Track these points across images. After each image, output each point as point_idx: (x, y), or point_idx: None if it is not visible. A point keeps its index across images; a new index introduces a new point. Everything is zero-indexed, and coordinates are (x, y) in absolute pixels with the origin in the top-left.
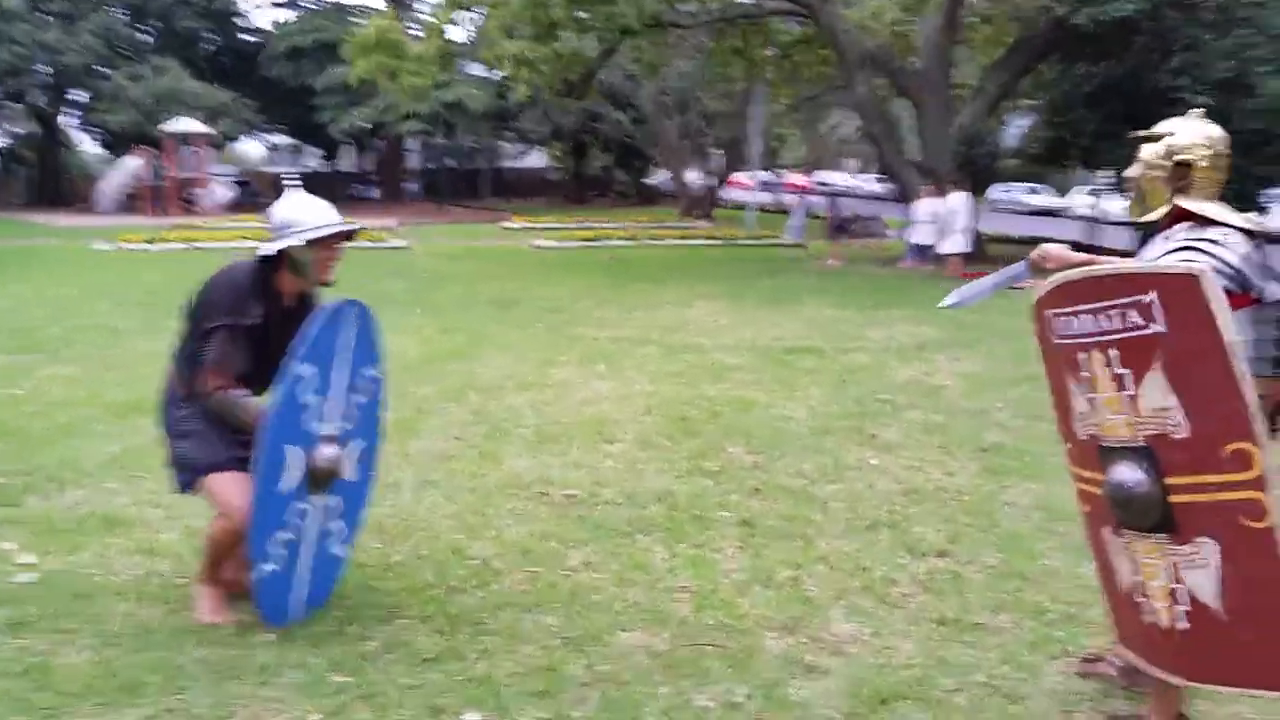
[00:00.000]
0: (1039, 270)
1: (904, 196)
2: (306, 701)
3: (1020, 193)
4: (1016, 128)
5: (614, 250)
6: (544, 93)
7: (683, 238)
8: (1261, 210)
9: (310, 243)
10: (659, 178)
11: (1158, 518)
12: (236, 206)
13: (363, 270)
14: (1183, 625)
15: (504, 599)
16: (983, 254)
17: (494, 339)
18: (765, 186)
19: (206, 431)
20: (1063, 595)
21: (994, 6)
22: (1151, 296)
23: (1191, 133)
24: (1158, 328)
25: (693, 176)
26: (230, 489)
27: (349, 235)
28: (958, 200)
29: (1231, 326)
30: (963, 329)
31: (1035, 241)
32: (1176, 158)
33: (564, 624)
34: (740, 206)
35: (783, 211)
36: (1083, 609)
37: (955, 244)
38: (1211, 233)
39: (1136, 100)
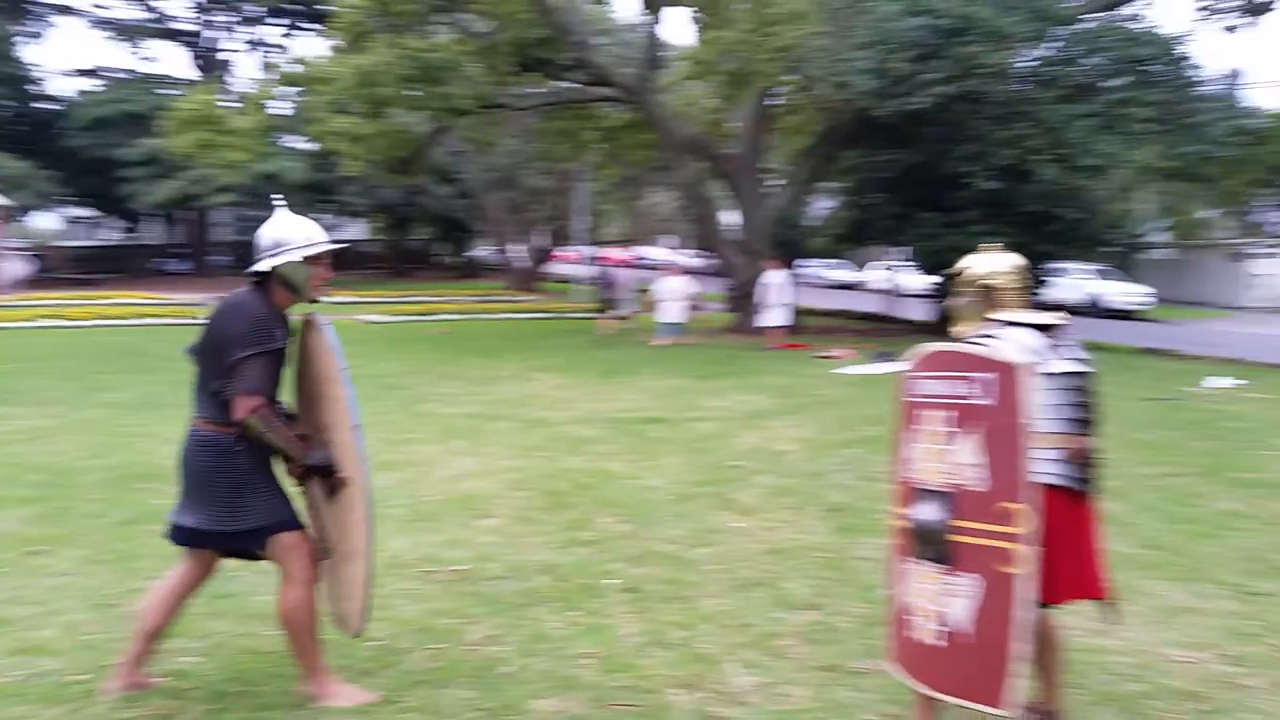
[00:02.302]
0: None
1: (725, 272)
2: None
3: (819, 268)
4: (821, 208)
5: (446, 324)
6: (374, 169)
7: (513, 311)
8: (1042, 284)
9: (307, 259)
10: (481, 251)
11: (941, 551)
12: (33, 283)
13: (174, 346)
14: (939, 643)
15: (415, 677)
16: (798, 326)
17: None
18: (591, 261)
19: (270, 484)
20: None
21: (802, 98)
22: (993, 375)
23: (988, 262)
24: (989, 401)
25: (519, 251)
26: (304, 551)
27: (341, 253)
28: (776, 276)
29: (1034, 412)
30: (789, 397)
31: (841, 314)
32: (980, 283)
33: (481, 696)
34: (565, 281)
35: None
36: None
37: (775, 317)
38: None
39: (931, 184)
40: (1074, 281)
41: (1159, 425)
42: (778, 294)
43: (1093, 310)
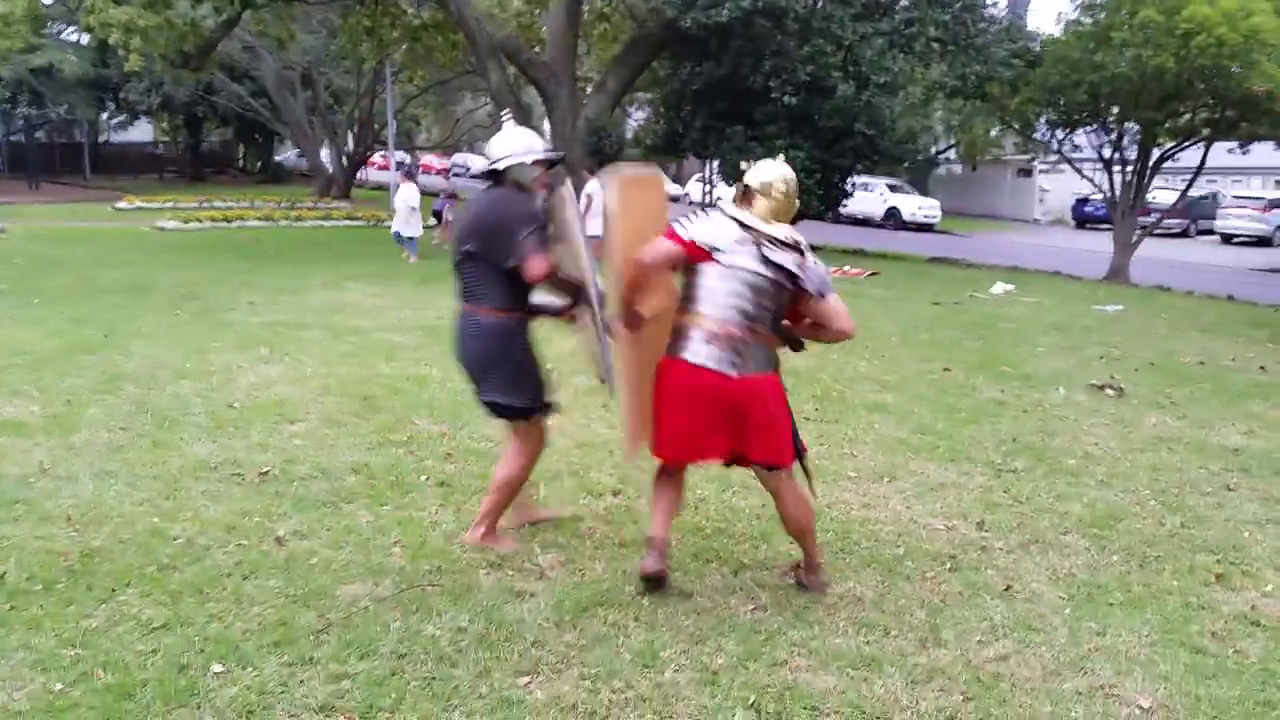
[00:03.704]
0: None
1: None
2: (42, 676)
3: None
4: (635, 120)
5: (253, 231)
6: (157, 64)
7: (324, 218)
8: (846, 195)
9: (536, 162)
10: (288, 155)
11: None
12: None
13: None
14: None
15: (220, 571)
16: None
17: (135, 328)
18: (400, 167)
19: (541, 373)
20: (713, 516)
21: (611, 5)
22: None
23: (757, 169)
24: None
25: (326, 155)
26: (543, 433)
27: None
28: (593, 186)
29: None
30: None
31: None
32: (743, 184)
33: (286, 585)
34: (380, 187)
35: (428, 194)
36: (730, 525)
37: (597, 227)
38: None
39: (736, 97)
40: (876, 196)
41: (941, 326)
42: (599, 202)
43: (893, 222)
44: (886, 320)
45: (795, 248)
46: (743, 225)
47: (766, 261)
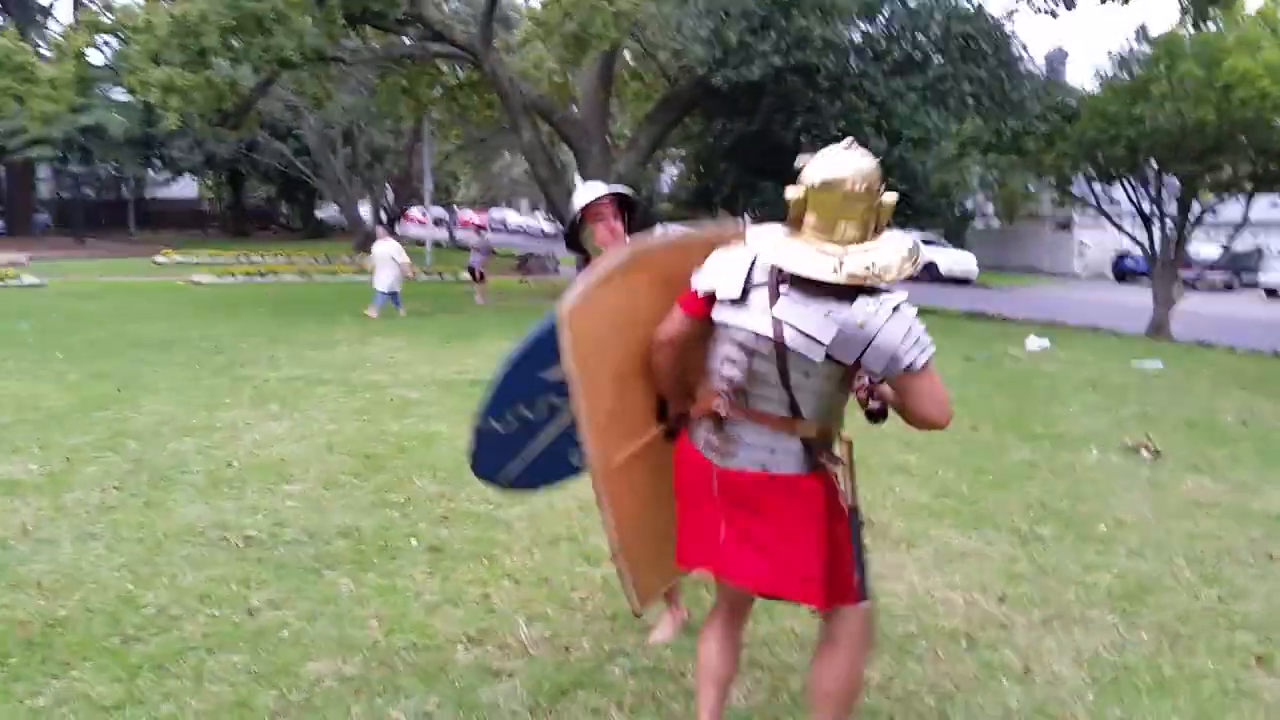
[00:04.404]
0: None
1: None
2: None
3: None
4: (668, 176)
5: (288, 285)
6: (196, 122)
7: (358, 273)
8: None
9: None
10: (329, 211)
11: None
12: None
13: None
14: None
15: (185, 644)
16: None
17: (150, 383)
18: (439, 223)
19: None
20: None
21: (643, 65)
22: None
23: (821, 165)
24: None
25: (364, 210)
26: None
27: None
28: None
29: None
30: None
31: None
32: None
33: (251, 661)
34: (419, 243)
35: (460, 248)
36: None
37: None
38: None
39: (768, 153)
40: None
41: (972, 381)
42: None
43: (929, 277)
44: None
45: (846, 294)
46: (755, 261)
47: (778, 324)
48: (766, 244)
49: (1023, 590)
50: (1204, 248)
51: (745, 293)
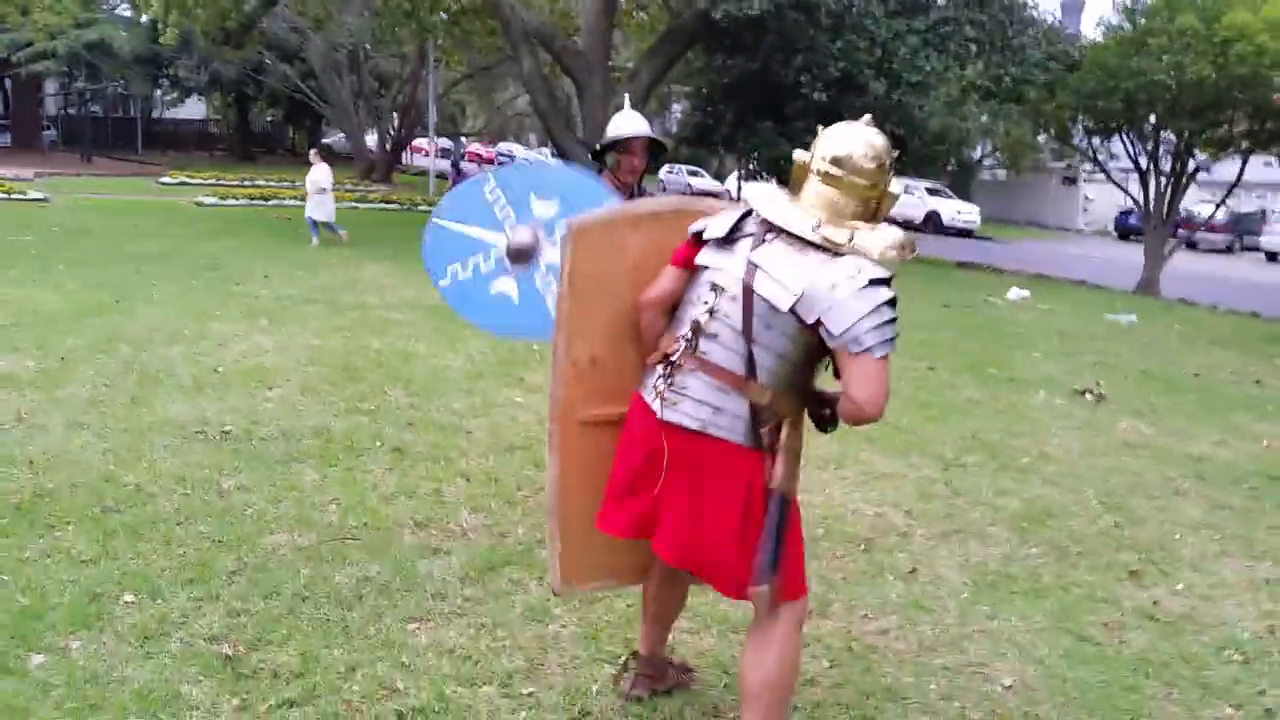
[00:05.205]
0: None
1: None
2: None
3: (686, 175)
4: (675, 112)
5: (286, 210)
6: (198, 39)
7: (359, 200)
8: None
9: (615, 149)
10: (336, 137)
11: None
12: None
13: None
14: None
15: (158, 516)
16: None
17: (146, 295)
18: (445, 154)
19: None
20: None
21: None
22: None
23: (830, 140)
24: None
25: (370, 139)
26: None
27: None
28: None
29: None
30: None
31: None
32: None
33: (216, 531)
34: (422, 172)
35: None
36: None
37: None
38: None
39: (768, 92)
40: (916, 199)
41: (945, 327)
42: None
43: (932, 226)
44: None
45: (831, 250)
46: (747, 213)
47: (753, 267)
48: (759, 195)
49: (931, 507)
50: (1207, 208)
51: (732, 238)
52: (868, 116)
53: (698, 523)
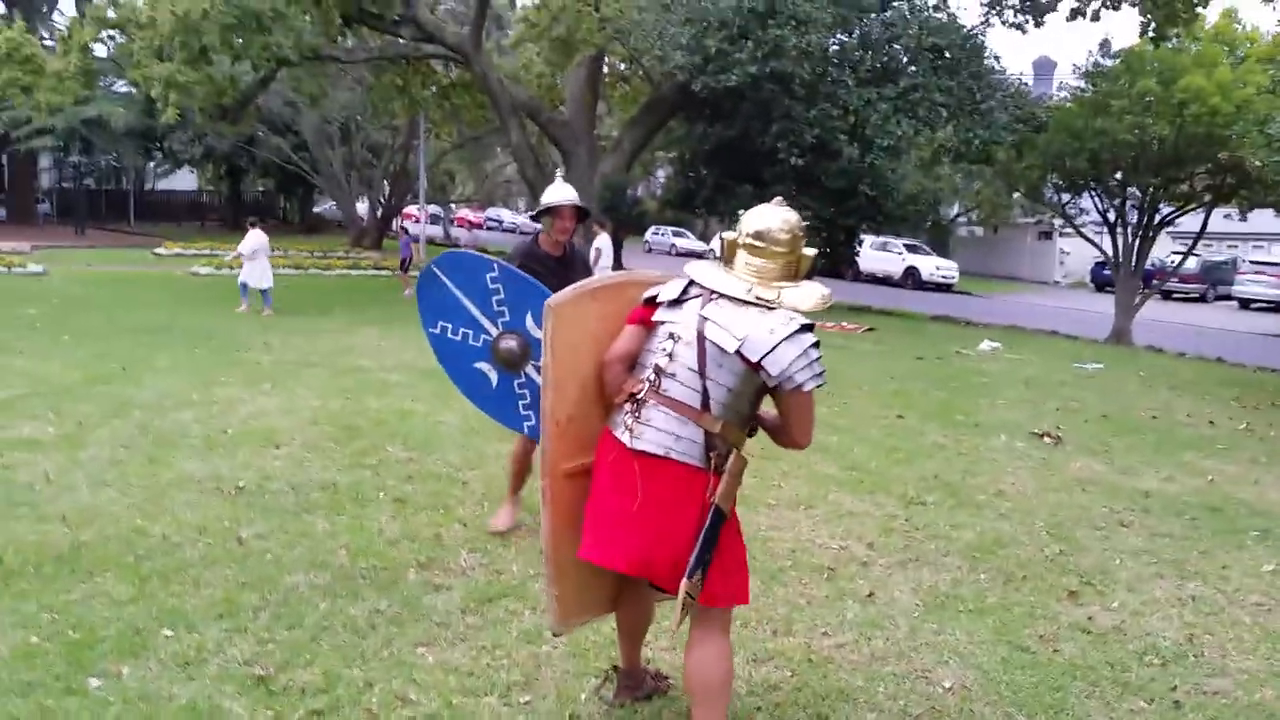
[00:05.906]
0: None
1: None
2: (23, 632)
3: (671, 237)
4: (659, 178)
5: (280, 279)
6: (196, 116)
7: (351, 267)
8: (853, 254)
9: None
10: (327, 206)
11: None
12: None
13: None
14: None
15: (186, 562)
16: None
17: (152, 363)
18: (435, 220)
19: None
20: None
21: (630, 68)
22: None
23: (753, 218)
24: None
25: (361, 207)
26: None
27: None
28: (603, 241)
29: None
30: None
31: None
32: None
33: (238, 573)
34: (414, 239)
35: (453, 244)
36: None
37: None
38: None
39: (746, 158)
40: (895, 256)
41: (914, 378)
42: (607, 256)
43: (911, 282)
44: (862, 372)
45: (765, 306)
46: (692, 282)
47: (703, 319)
48: (699, 270)
49: (891, 540)
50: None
51: (681, 300)
52: (779, 198)
53: (658, 535)
